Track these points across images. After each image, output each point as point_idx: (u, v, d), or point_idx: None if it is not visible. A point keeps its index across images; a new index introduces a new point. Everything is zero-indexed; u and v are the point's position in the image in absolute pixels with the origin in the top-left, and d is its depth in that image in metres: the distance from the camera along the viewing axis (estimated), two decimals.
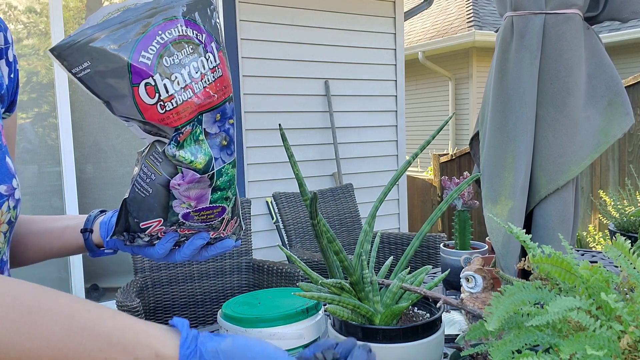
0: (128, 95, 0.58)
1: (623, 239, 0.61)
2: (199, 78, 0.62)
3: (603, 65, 1.25)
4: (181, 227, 0.70)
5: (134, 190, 0.66)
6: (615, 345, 0.52)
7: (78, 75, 0.58)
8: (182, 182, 0.64)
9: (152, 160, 0.64)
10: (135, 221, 0.68)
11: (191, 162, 0.63)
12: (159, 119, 0.60)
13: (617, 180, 4.11)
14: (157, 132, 0.63)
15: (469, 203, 1.49)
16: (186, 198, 0.65)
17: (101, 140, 3.21)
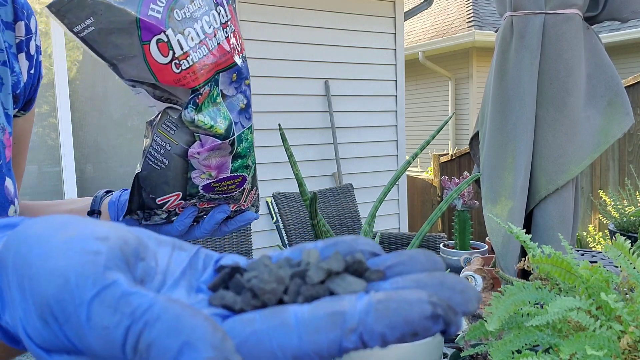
0: (138, 54, 0.52)
1: (623, 239, 0.61)
2: (212, 34, 0.56)
3: (603, 65, 1.25)
4: (201, 201, 0.64)
5: (147, 164, 0.60)
6: (615, 345, 0.52)
7: (80, 35, 0.52)
8: (201, 150, 0.58)
9: (165, 128, 0.58)
10: (150, 197, 0.62)
11: (211, 127, 0.57)
12: (174, 79, 0.54)
13: (617, 180, 4.11)
14: (168, 98, 0.58)
15: (469, 203, 1.49)
16: (206, 167, 0.60)
17: (101, 140, 3.21)
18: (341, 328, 0.22)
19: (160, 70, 0.53)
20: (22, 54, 0.61)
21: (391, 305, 0.22)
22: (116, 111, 3.24)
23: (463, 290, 0.24)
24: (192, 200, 0.64)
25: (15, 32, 0.60)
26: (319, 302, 0.23)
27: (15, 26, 0.60)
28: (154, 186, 0.61)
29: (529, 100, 1.23)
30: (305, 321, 0.22)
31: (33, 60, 0.63)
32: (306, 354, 0.22)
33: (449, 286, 0.24)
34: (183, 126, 0.57)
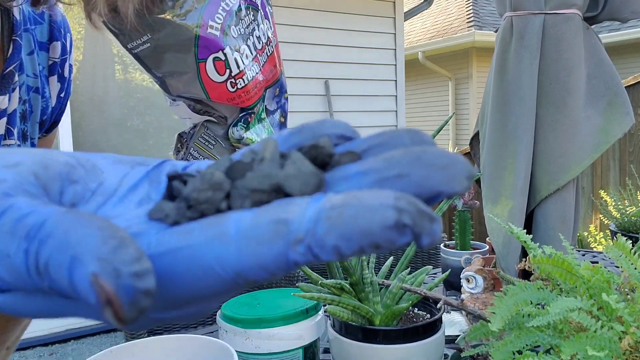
0: (191, 71, 0.50)
1: (624, 239, 0.61)
2: (261, 49, 0.55)
3: (603, 65, 1.25)
4: None
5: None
6: (616, 346, 0.52)
7: (134, 51, 0.50)
8: None
9: (203, 142, 0.57)
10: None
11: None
12: (228, 98, 0.52)
13: (617, 180, 4.11)
14: (207, 112, 0.55)
15: (469, 203, 1.49)
16: None
17: (101, 141, 3.20)
18: (285, 239, 0.18)
19: (215, 89, 0.52)
20: (54, 77, 0.57)
21: (346, 212, 0.18)
22: (116, 112, 3.24)
23: (446, 165, 0.20)
24: None
25: (50, 53, 0.56)
26: (264, 209, 0.19)
27: (50, 46, 0.56)
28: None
29: (529, 100, 1.23)
30: (245, 231, 0.19)
31: (65, 82, 0.59)
32: (249, 268, 0.19)
33: (428, 162, 0.20)
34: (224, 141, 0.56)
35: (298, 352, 0.89)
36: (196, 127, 0.58)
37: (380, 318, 0.83)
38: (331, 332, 0.84)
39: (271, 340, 0.87)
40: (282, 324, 0.88)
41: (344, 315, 0.81)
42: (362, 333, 0.79)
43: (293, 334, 0.88)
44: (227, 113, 0.56)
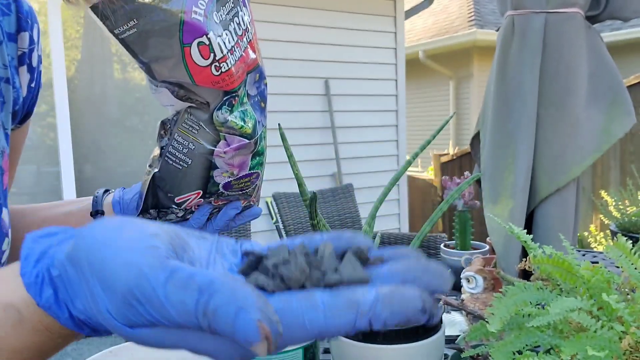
0: (176, 56, 0.52)
1: (624, 240, 0.60)
2: (242, 35, 0.57)
3: (604, 65, 1.25)
4: (218, 199, 0.65)
5: (166, 164, 0.60)
6: (616, 346, 0.52)
7: (121, 37, 0.51)
8: (228, 150, 0.59)
9: (187, 128, 0.58)
10: (169, 196, 0.62)
11: (241, 127, 0.58)
12: (212, 81, 0.54)
13: (618, 180, 4.10)
14: (189, 97, 0.57)
15: (469, 203, 1.49)
16: (229, 166, 0.61)
17: (100, 140, 3.20)
18: (357, 312, 0.29)
19: (200, 73, 0.53)
20: (24, 67, 0.58)
21: (394, 298, 0.30)
22: (115, 111, 3.24)
23: (441, 274, 0.33)
24: (211, 198, 0.65)
25: (18, 44, 0.57)
26: (339, 291, 0.31)
27: (19, 37, 0.57)
28: (173, 185, 0.62)
29: (530, 100, 1.23)
30: (329, 305, 0.29)
31: (35, 72, 0.60)
32: (328, 330, 0.29)
33: (431, 271, 0.33)
34: (208, 126, 0.58)
35: (298, 352, 0.89)
36: (179, 113, 0.60)
37: None
38: None
39: None
40: None
41: None
42: (362, 333, 0.79)
43: None
44: (210, 98, 0.57)
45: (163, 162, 0.61)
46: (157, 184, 0.62)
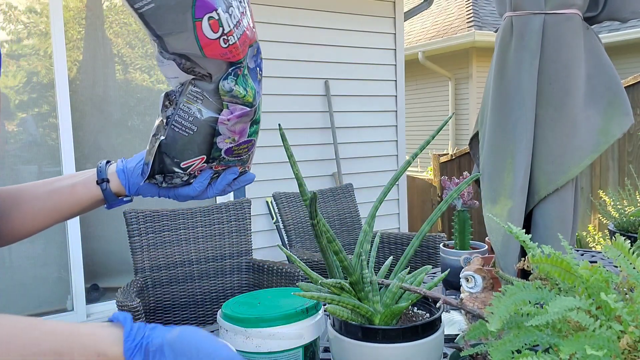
0: (188, 30, 0.57)
1: (623, 239, 0.61)
2: (243, 12, 0.62)
3: (602, 65, 1.25)
4: (219, 164, 0.71)
5: (172, 131, 0.66)
6: (614, 345, 0.52)
7: (140, 10, 0.56)
8: (231, 117, 0.65)
9: (192, 98, 0.64)
10: (175, 161, 0.68)
11: (244, 96, 0.65)
12: (220, 53, 0.60)
13: (616, 180, 4.11)
14: (193, 70, 0.63)
15: (468, 203, 1.49)
16: (231, 133, 0.67)
17: (101, 140, 3.20)
18: None
19: (209, 45, 0.58)
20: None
21: None
22: (116, 111, 3.24)
23: None
24: (213, 163, 0.71)
25: None
26: None
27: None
28: (179, 151, 0.67)
29: (529, 100, 1.23)
30: None
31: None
32: None
33: None
34: (212, 96, 0.64)
35: (298, 351, 0.89)
36: (183, 85, 0.65)
37: (380, 317, 0.84)
38: (331, 331, 0.84)
39: (271, 340, 0.87)
40: (282, 323, 0.88)
41: (344, 314, 0.81)
42: (361, 332, 0.80)
43: (293, 333, 0.88)
44: (213, 70, 0.63)
45: (169, 130, 0.66)
46: (163, 151, 0.67)
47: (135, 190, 0.77)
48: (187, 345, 0.50)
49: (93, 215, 3.13)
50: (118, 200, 0.79)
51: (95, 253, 3.14)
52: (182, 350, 0.50)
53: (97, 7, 3.18)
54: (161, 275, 2.01)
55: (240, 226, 2.19)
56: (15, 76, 2.90)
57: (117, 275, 3.28)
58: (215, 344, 0.52)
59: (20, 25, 2.90)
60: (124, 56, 3.25)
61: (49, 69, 2.96)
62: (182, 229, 2.07)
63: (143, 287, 1.94)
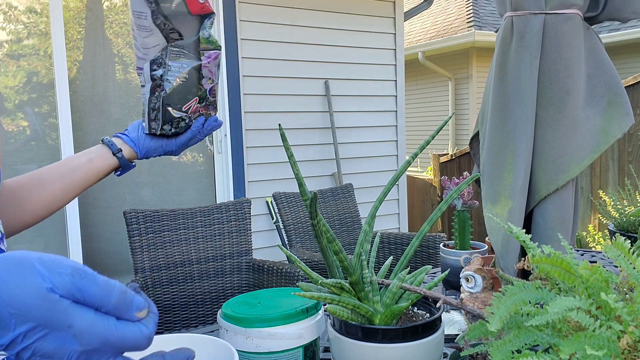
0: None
1: (623, 239, 0.61)
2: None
3: (603, 65, 1.25)
4: (205, 106, 0.89)
5: (169, 85, 0.83)
6: (614, 345, 0.52)
7: None
8: (210, 60, 0.84)
9: (176, 55, 0.83)
10: (177, 107, 0.86)
11: (216, 41, 0.84)
12: (200, 8, 0.79)
13: (616, 180, 4.11)
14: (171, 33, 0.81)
15: (468, 203, 1.49)
16: (211, 74, 0.86)
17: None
18: None
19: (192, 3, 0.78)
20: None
21: None
22: (116, 111, 3.24)
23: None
24: (203, 103, 0.89)
25: None
26: None
27: None
28: (181, 98, 0.85)
29: (529, 100, 1.23)
30: None
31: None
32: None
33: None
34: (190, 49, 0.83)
35: (298, 351, 0.89)
36: (164, 49, 0.83)
37: (380, 317, 0.84)
38: (331, 331, 0.84)
39: (271, 339, 0.87)
40: (282, 323, 0.88)
41: (344, 314, 0.81)
42: (361, 332, 0.80)
43: (293, 333, 0.88)
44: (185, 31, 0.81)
45: (167, 84, 0.84)
46: (166, 103, 0.85)
47: (145, 152, 0.93)
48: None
49: (93, 215, 3.13)
50: (129, 166, 0.95)
51: (95, 253, 3.14)
52: None
53: (97, 7, 3.18)
54: (161, 275, 2.01)
55: (240, 226, 2.19)
56: (15, 76, 2.90)
57: (117, 275, 3.28)
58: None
59: (20, 25, 2.90)
60: (124, 56, 3.25)
61: (49, 69, 2.96)
62: (182, 229, 2.07)
63: (143, 287, 1.94)
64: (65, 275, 0.38)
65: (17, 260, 0.37)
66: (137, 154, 0.93)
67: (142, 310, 0.41)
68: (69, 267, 0.38)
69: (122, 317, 0.40)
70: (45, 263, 0.37)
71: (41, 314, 0.36)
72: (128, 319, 0.40)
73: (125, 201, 3.26)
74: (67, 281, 0.37)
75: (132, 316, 0.40)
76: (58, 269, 0.38)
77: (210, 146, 3.43)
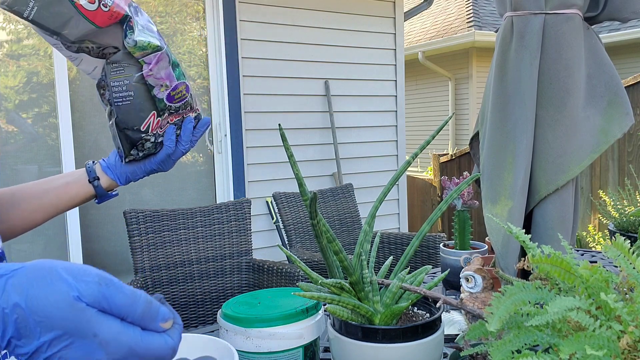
0: (74, 13, 0.67)
1: (622, 239, 0.61)
2: None
3: (603, 65, 1.25)
4: (170, 114, 0.80)
5: (117, 106, 0.76)
6: (614, 345, 0.52)
7: (30, 18, 0.66)
8: (152, 66, 0.75)
9: (116, 73, 0.74)
10: (135, 129, 0.77)
11: (149, 43, 0.74)
12: (107, 17, 0.70)
13: (616, 180, 4.11)
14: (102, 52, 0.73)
15: (468, 203, 1.49)
16: (161, 80, 0.76)
17: (101, 140, 3.21)
18: None
19: (95, 16, 0.68)
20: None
21: None
22: None
23: None
24: (164, 114, 0.79)
25: None
26: None
27: None
28: (133, 118, 0.76)
29: (529, 100, 1.23)
30: None
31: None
32: None
33: None
34: (128, 61, 0.74)
35: (298, 351, 0.89)
36: (104, 69, 0.75)
37: (380, 317, 0.84)
38: (331, 331, 0.84)
39: (271, 339, 0.87)
40: (282, 323, 0.88)
41: (344, 314, 0.81)
42: (362, 332, 0.80)
43: (293, 333, 0.88)
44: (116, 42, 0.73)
45: (115, 108, 0.76)
46: (122, 128, 0.77)
47: (125, 178, 0.87)
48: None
49: (93, 215, 3.13)
50: (108, 195, 0.89)
51: (95, 253, 3.14)
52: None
53: None
54: (161, 275, 2.01)
55: (240, 226, 2.19)
56: (15, 76, 2.90)
57: (117, 275, 3.26)
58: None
59: (20, 26, 2.90)
60: None
61: (49, 69, 2.96)
62: (182, 229, 2.07)
63: (143, 287, 1.94)
64: (92, 283, 0.37)
65: (43, 268, 0.37)
66: (116, 181, 0.88)
67: (167, 321, 0.41)
68: (96, 276, 0.38)
69: (148, 327, 0.39)
70: (72, 271, 0.37)
71: (67, 322, 0.36)
72: (153, 330, 0.40)
73: (125, 201, 3.26)
74: (93, 289, 0.37)
75: (157, 327, 0.40)
76: (85, 277, 0.37)
77: (210, 146, 3.43)
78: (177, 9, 3.36)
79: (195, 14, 3.41)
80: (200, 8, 3.39)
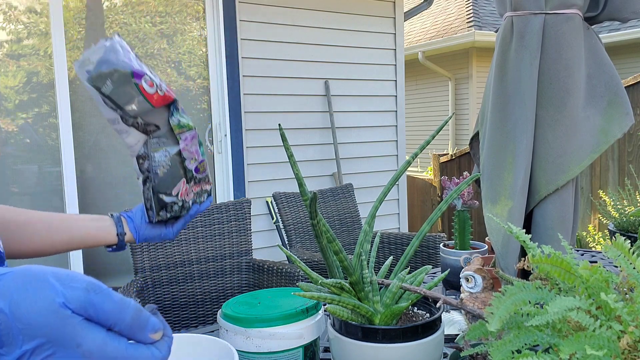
0: (136, 93, 0.80)
1: (623, 239, 0.61)
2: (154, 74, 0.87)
3: (603, 65, 1.25)
4: (195, 185, 0.94)
5: (156, 175, 0.88)
6: (614, 345, 0.52)
7: (107, 93, 0.79)
8: (188, 142, 0.89)
9: (156, 146, 0.87)
10: (167, 193, 0.90)
11: (187, 123, 0.88)
12: (162, 99, 0.83)
13: (616, 180, 4.11)
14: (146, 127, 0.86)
15: (468, 203, 1.49)
16: (191, 154, 0.90)
17: (101, 140, 3.21)
18: None
19: (152, 97, 0.82)
20: None
21: None
22: None
23: None
24: (191, 183, 0.93)
25: None
26: None
27: None
28: (168, 184, 0.90)
29: (529, 100, 1.23)
30: None
31: None
32: None
33: None
34: (167, 137, 0.88)
35: (298, 351, 0.89)
36: (145, 143, 0.87)
37: (380, 317, 0.84)
38: (331, 331, 0.84)
39: (271, 339, 0.87)
40: (282, 323, 0.88)
41: (344, 314, 0.81)
42: (362, 332, 0.80)
43: (293, 333, 0.88)
44: (159, 121, 0.86)
45: (154, 175, 0.89)
46: (157, 191, 0.90)
47: (143, 239, 0.96)
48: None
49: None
50: (124, 248, 0.97)
51: (95, 253, 3.14)
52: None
53: (97, 7, 3.18)
54: (161, 275, 2.01)
55: (240, 226, 2.19)
56: (15, 76, 2.90)
57: (117, 275, 3.28)
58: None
59: (20, 25, 2.90)
60: None
61: (49, 69, 2.96)
62: (182, 229, 2.07)
63: (143, 287, 1.94)
64: (79, 289, 0.37)
65: (31, 274, 0.36)
66: (135, 240, 0.95)
67: (157, 332, 0.40)
68: (84, 282, 0.37)
69: (136, 337, 0.38)
70: (60, 277, 0.36)
71: (50, 330, 0.35)
72: (142, 340, 0.39)
73: (125, 201, 3.26)
74: (80, 296, 0.36)
75: (146, 337, 0.39)
76: (72, 283, 0.36)
77: (210, 146, 3.43)
78: (177, 9, 3.36)
79: (195, 14, 3.41)
80: (200, 8, 3.39)
